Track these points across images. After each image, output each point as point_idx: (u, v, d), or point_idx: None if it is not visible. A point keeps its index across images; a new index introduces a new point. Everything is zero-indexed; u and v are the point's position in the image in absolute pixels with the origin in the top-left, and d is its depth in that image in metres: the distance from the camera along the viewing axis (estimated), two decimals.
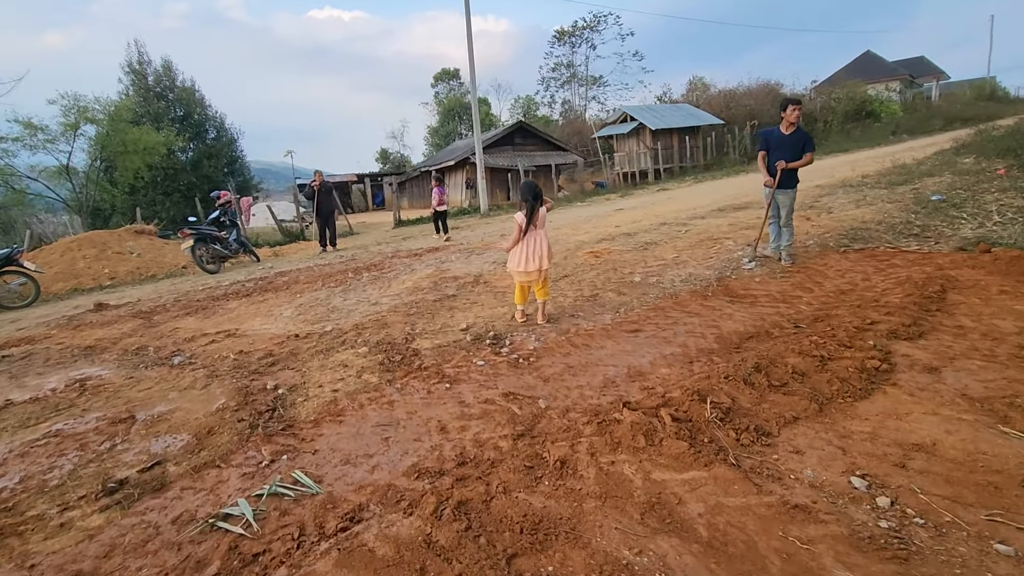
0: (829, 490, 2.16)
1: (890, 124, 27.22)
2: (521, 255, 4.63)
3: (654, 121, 22.82)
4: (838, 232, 7.08)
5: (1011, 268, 4.98)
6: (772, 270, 5.78)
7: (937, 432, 2.53)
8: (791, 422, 2.71)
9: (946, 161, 13.01)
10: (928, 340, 3.66)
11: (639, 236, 8.06)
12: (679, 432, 2.58)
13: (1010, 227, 6.63)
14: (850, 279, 5.38)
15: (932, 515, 1.98)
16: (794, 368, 3.24)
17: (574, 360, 3.90)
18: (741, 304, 4.91)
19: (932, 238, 6.60)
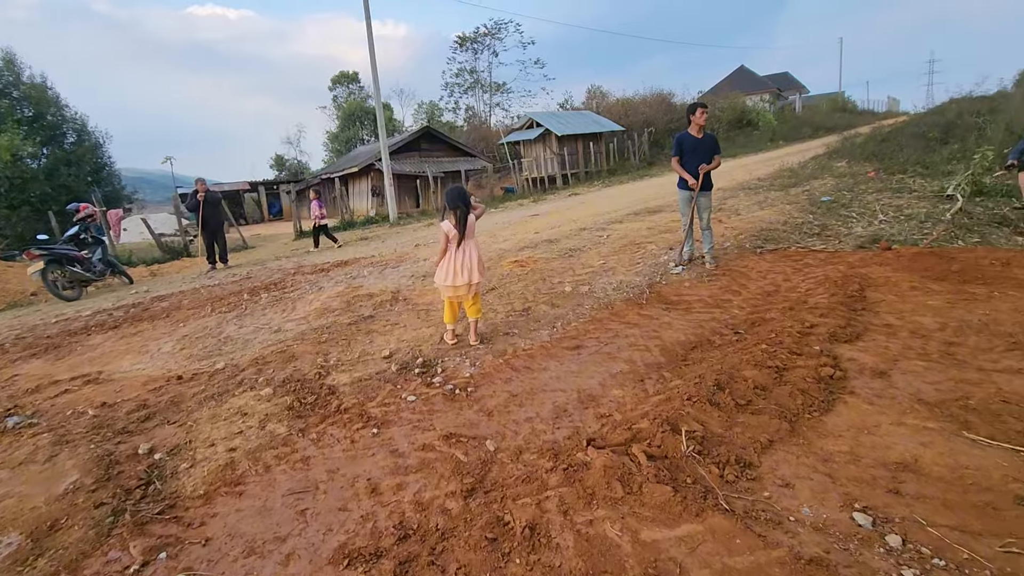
0: (835, 532, 1.91)
1: (767, 132, 29.80)
2: (449, 268, 4.15)
3: (560, 127, 23.16)
4: (750, 233, 7.29)
5: (914, 264, 5.28)
6: (699, 274, 5.74)
7: (913, 447, 2.40)
8: (768, 447, 2.48)
9: (824, 165, 14.25)
10: (865, 342, 3.66)
11: (562, 243, 7.84)
12: (659, 474, 2.24)
13: (896, 225, 7.18)
14: (772, 280, 5.45)
15: (948, 552, 1.79)
16: (754, 382, 3.05)
17: (517, 386, 3.49)
18: (677, 311, 4.77)
19: (833, 237, 6.97)
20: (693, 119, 5.91)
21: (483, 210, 4.54)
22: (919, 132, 16.74)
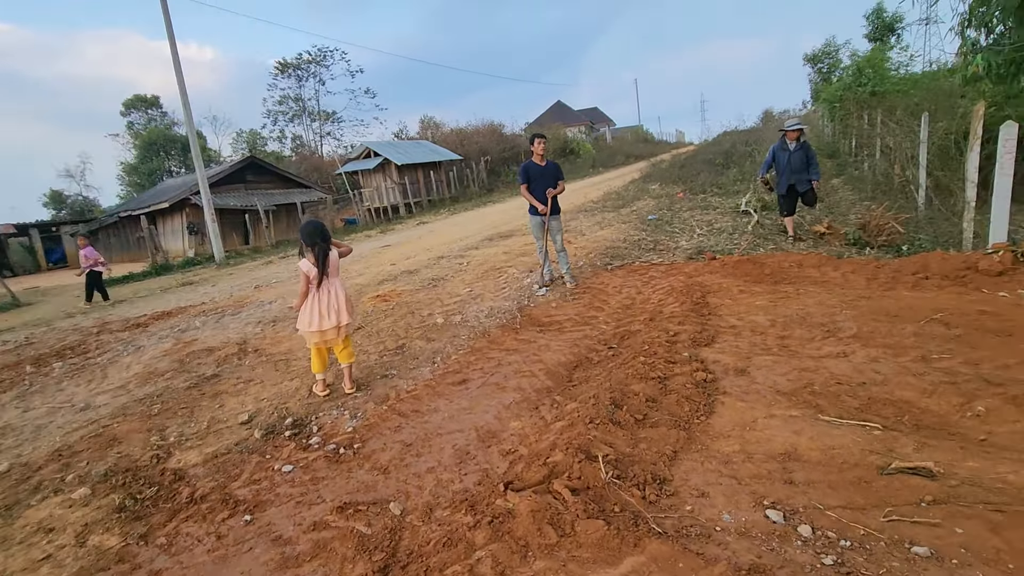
0: (757, 534, 2.00)
1: (588, 160, 32.91)
2: (314, 312, 3.70)
3: (399, 156, 22.91)
4: (598, 252, 7.83)
5: (736, 270, 6.09)
6: (562, 294, 5.96)
7: (788, 436, 2.66)
8: (674, 458, 2.56)
9: (642, 188, 16.09)
10: (720, 343, 4.06)
11: (422, 273, 7.61)
12: (587, 508, 2.16)
13: (711, 237, 8.28)
14: (627, 294, 5.87)
15: (848, 532, 1.97)
16: (644, 395, 3.18)
17: (409, 434, 3.19)
18: (551, 332, 4.86)
19: (666, 250, 7.79)
20: (534, 148, 6.17)
21: (349, 249, 4.16)
22: (708, 159, 19.89)
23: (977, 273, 4.84)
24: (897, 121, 11.08)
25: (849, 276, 5.43)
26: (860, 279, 5.31)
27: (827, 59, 25.87)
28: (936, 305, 4.28)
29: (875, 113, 12.55)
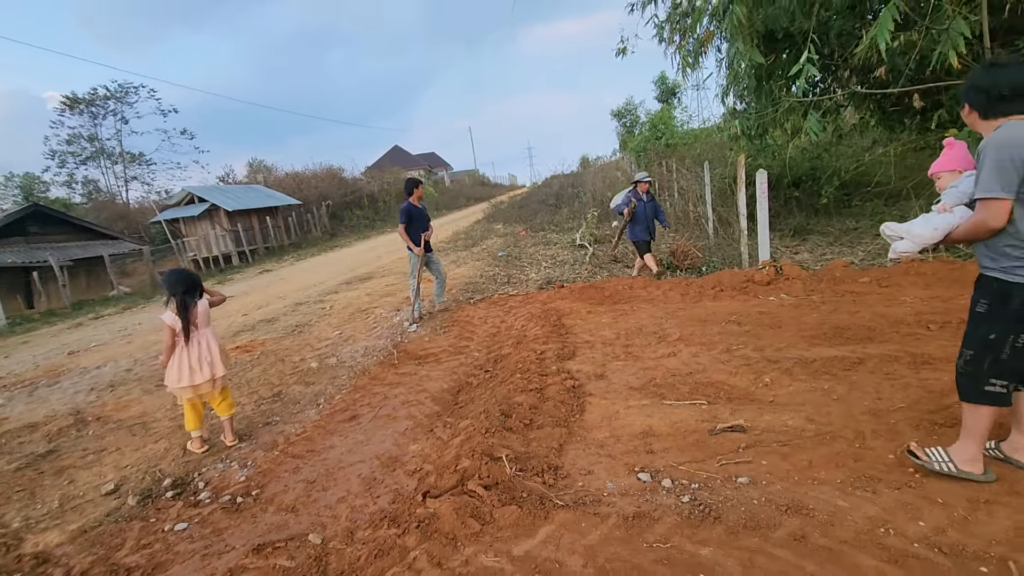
0: (634, 492, 2.52)
1: (432, 202, 33.77)
2: (183, 366, 3.53)
3: (229, 202, 21.20)
4: (459, 288, 8.30)
5: (582, 296, 6.99)
6: (433, 328, 6.27)
7: (643, 419, 3.30)
8: (561, 450, 3.03)
9: (487, 228, 17.15)
10: (579, 356, 4.73)
11: (282, 320, 7.31)
12: (501, 499, 2.50)
13: (556, 269, 9.29)
14: (493, 323, 6.39)
15: (696, 478, 2.59)
16: (528, 404, 3.63)
17: (310, 472, 3.22)
18: (429, 364, 5.14)
19: (519, 283, 8.55)
20: (417, 192, 6.77)
21: (222, 298, 4.03)
22: (541, 199, 21.89)
23: (754, 284, 6.27)
24: (687, 168, 13.56)
25: (668, 293, 6.60)
26: (676, 295, 6.49)
27: (629, 115, 30.34)
28: (730, 310, 5.48)
29: (671, 161, 15.19)
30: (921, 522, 2.06)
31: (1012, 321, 2.05)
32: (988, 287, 2.12)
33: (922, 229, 2.21)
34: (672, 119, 23.07)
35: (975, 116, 2.12)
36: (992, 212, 1.98)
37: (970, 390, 2.19)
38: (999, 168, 1.94)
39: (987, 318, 2.11)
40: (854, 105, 7.81)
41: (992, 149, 1.96)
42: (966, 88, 2.12)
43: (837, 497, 2.28)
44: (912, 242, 2.22)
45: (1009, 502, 2.11)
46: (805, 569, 1.90)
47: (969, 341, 2.18)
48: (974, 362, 2.15)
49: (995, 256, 2.08)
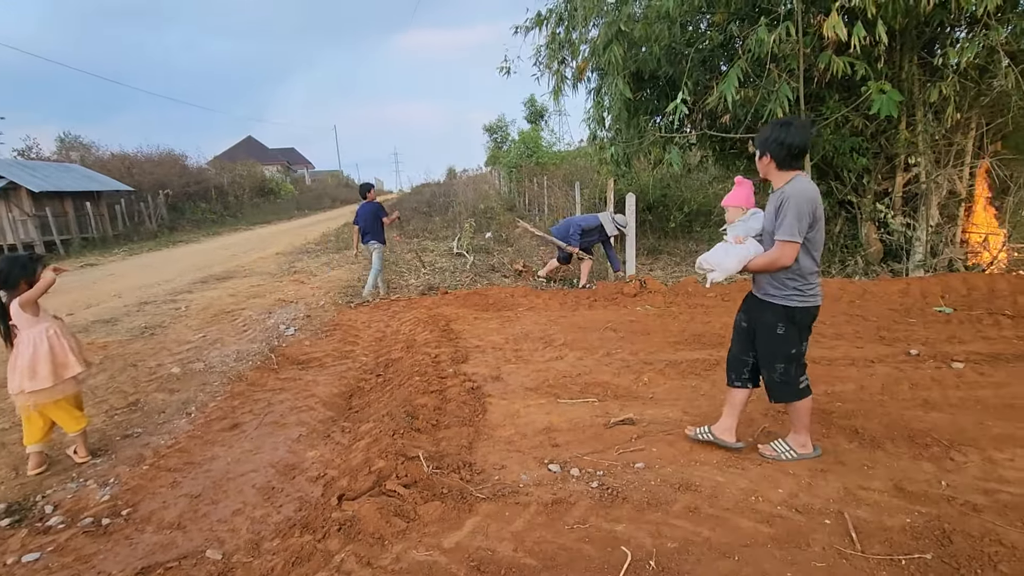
0: (547, 482, 2.70)
1: (292, 201, 31.55)
2: (14, 370, 2.98)
3: (35, 182, 17.59)
4: (336, 291, 7.94)
5: (467, 302, 7.12)
6: (313, 331, 5.94)
7: (544, 416, 3.52)
8: (471, 448, 3.11)
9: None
10: (473, 360, 4.85)
11: (124, 322, 6.33)
12: (423, 495, 2.51)
13: (437, 276, 9.32)
14: (377, 328, 6.24)
15: (599, 466, 2.85)
16: (432, 406, 3.65)
17: (192, 486, 2.90)
18: (313, 368, 4.88)
19: (399, 288, 8.43)
20: (369, 195, 7.69)
21: (50, 281, 3.34)
22: (413, 207, 21.67)
23: (624, 295, 6.94)
24: (558, 186, 14.47)
25: (548, 302, 7.01)
26: (555, 303, 6.92)
27: (500, 131, 31.42)
28: (606, 318, 6.02)
29: (541, 179, 16.08)
30: (780, 489, 2.52)
31: (799, 334, 2.59)
32: (780, 313, 2.56)
33: (729, 262, 2.57)
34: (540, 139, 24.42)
35: (772, 166, 2.50)
36: (788, 252, 2.41)
37: (789, 393, 2.67)
38: (800, 216, 2.36)
39: (786, 338, 2.58)
40: (701, 144, 9.06)
41: (797, 200, 2.36)
42: (766, 141, 2.46)
43: (716, 474, 2.68)
44: (721, 273, 2.61)
45: (838, 470, 2.66)
46: (701, 534, 2.22)
47: (779, 358, 2.62)
48: (787, 372, 2.62)
49: (779, 286, 2.54)
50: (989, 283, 5.95)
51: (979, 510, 2.27)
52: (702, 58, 7.51)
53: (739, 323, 2.82)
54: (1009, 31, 5.61)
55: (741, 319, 2.81)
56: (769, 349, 2.64)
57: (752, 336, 2.73)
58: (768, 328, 2.61)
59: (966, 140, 6.76)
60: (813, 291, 2.55)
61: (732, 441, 2.87)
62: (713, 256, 2.63)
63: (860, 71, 5.93)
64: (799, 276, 2.50)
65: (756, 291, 2.70)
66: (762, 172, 2.57)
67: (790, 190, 2.41)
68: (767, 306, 2.60)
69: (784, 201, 2.40)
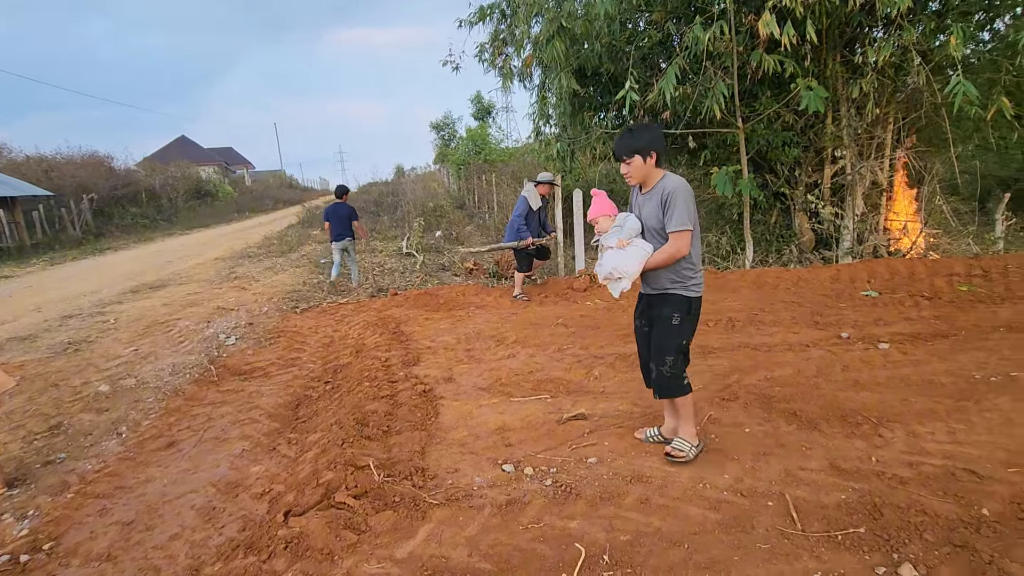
0: (501, 483, 2.69)
1: (231, 203, 30.16)
2: None
3: None
4: (280, 297, 7.65)
5: (418, 303, 7.02)
6: (257, 339, 5.70)
7: (497, 416, 3.51)
8: (424, 453, 3.06)
9: (303, 233, 15.98)
10: (424, 362, 4.77)
11: (45, 338, 5.86)
12: (374, 506, 2.44)
13: (386, 277, 9.13)
14: (324, 333, 6.06)
15: (553, 463, 2.86)
16: (382, 412, 3.57)
17: (123, 513, 2.72)
18: (256, 379, 4.68)
19: (348, 291, 8.22)
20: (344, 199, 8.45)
21: None
22: (360, 206, 21.16)
23: (574, 291, 7.02)
24: (507, 183, 14.47)
25: (499, 300, 7.00)
26: (507, 301, 6.92)
27: (447, 128, 31.14)
28: (556, 314, 6.06)
29: (490, 176, 16.04)
30: (726, 475, 2.60)
31: (692, 326, 2.67)
32: (679, 304, 2.61)
33: (631, 266, 2.55)
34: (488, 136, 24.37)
35: (653, 163, 2.56)
36: (684, 241, 2.49)
37: (677, 387, 2.68)
38: (687, 205, 2.48)
39: (681, 328, 2.62)
40: None
41: (682, 191, 2.49)
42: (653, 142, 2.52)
43: (665, 464, 2.74)
44: (628, 280, 2.58)
45: (779, 452, 2.78)
46: (652, 525, 2.26)
47: (669, 349, 2.63)
48: (675, 364, 2.64)
49: (677, 278, 2.60)
50: (909, 267, 6.38)
51: (905, 482, 2.42)
52: (642, 55, 7.66)
53: (639, 328, 2.85)
54: (920, 31, 6.01)
55: (641, 325, 2.84)
56: (662, 341, 2.67)
57: None
58: (665, 320, 2.65)
59: (885, 134, 7.21)
60: (702, 280, 2.66)
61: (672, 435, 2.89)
62: (614, 262, 2.59)
63: (789, 69, 6.21)
64: (693, 265, 2.60)
65: (650, 289, 2.72)
66: (640, 173, 2.59)
67: (671, 184, 2.52)
68: (667, 299, 2.64)
69: (669, 194, 2.50)
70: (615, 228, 2.68)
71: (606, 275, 2.61)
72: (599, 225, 2.76)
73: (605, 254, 2.66)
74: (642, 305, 2.83)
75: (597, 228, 2.76)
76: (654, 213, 2.57)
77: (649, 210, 2.60)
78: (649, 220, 2.61)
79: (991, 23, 6.76)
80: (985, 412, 3.03)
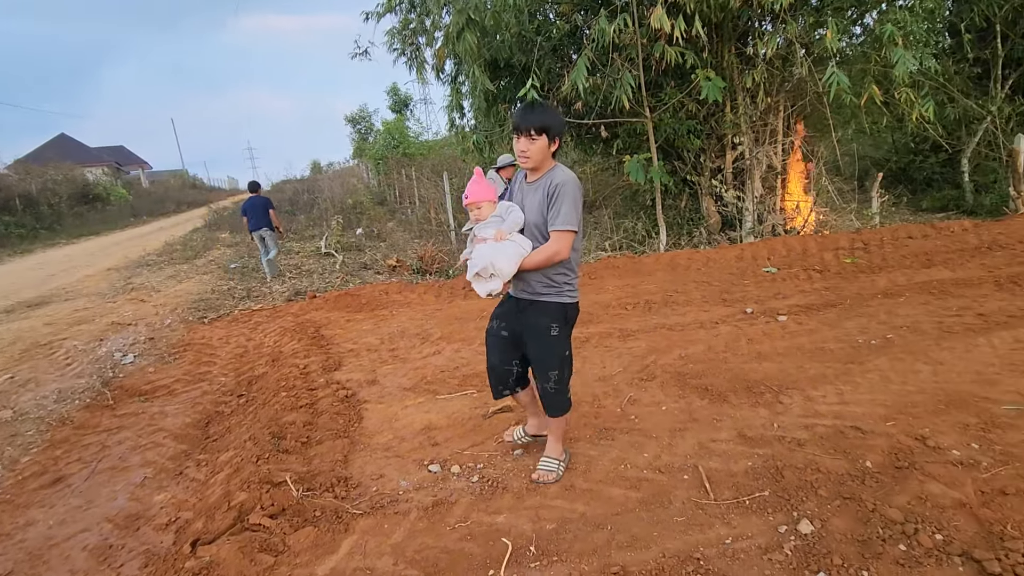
0: (428, 484, 2.64)
1: (126, 207, 27.62)
2: None
3: None
4: (185, 307, 7.10)
5: (338, 304, 6.76)
6: (159, 355, 5.26)
7: (423, 416, 3.45)
8: (347, 461, 2.95)
9: (210, 237, 14.92)
10: (346, 365, 4.61)
11: None
12: (292, 523, 2.32)
13: (304, 279, 8.74)
14: (237, 343, 5.71)
15: (479, 459, 2.85)
16: (301, 422, 3.41)
17: (1, 565, 2.41)
18: (160, 398, 4.33)
19: (262, 296, 7.78)
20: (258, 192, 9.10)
21: None
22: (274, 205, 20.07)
23: None
24: (427, 177, 14.24)
25: (423, 296, 6.90)
26: (431, 297, 6.83)
27: (363, 122, 30.13)
28: (481, 307, 6.05)
29: (410, 170, 15.72)
30: (645, 453, 2.71)
31: (569, 335, 2.43)
32: (554, 313, 2.33)
33: (507, 265, 2.20)
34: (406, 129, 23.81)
35: (554, 149, 2.25)
36: (567, 243, 2.19)
37: (562, 403, 2.47)
38: (576, 204, 2.19)
39: (560, 338, 2.37)
40: None
41: (572, 187, 2.18)
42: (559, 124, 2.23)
43: (589, 449, 2.81)
44: (500, 280, 2.25)
45: (692, 427, 2.93)
46: (577, 510, 2.31)
47: (552, 363, 2.39)
48: (560, 377, 2.41)
49: (551, 283, 2.30)
50: (802, 244, 6.94)
51: (802, 444, 2.63)
52: (553, 47, 7.76)
53: (496, 332, 2.54)
54: (801, 26, 6.50)
55: (499, 328, 2.53)
56: (543, 356, 2.41)
57: (516, 344, 2.50)
58: (541, 331, 2.37)
59: (777, 121, 7.76)
60: (577, 285, 2.40)
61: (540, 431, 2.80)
62: (489, 258, 2.21)
63: (689, 60, 6.51)
64: (570, 270, 2.32)
65: (519, 292, 2.40)
66: (539, 156, 2.23)
67: (561, 177, 2.21)
68: (539, 307, 2.35)
69: (558, 187, 2.19)
70: (495, 218, 2.34)
71: (478, 271, 2.22)
72: (480, 211, 2.38)
73: (480, 247, 2.28)
74: (506, 307, 2.53)
75: (476, 214, 2.39)
76: (538, 206, 2.25)
77: (533, 202, 2.28)
78: (531, 213, 2.28)
79: (861, 18, 7.43)
80: (867, 373, 3.35)
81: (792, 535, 2.02)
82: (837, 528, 2.02)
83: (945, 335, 3.83)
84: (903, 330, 4.01)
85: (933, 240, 6.61)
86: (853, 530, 2.00)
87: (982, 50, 8.50)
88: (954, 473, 2.24)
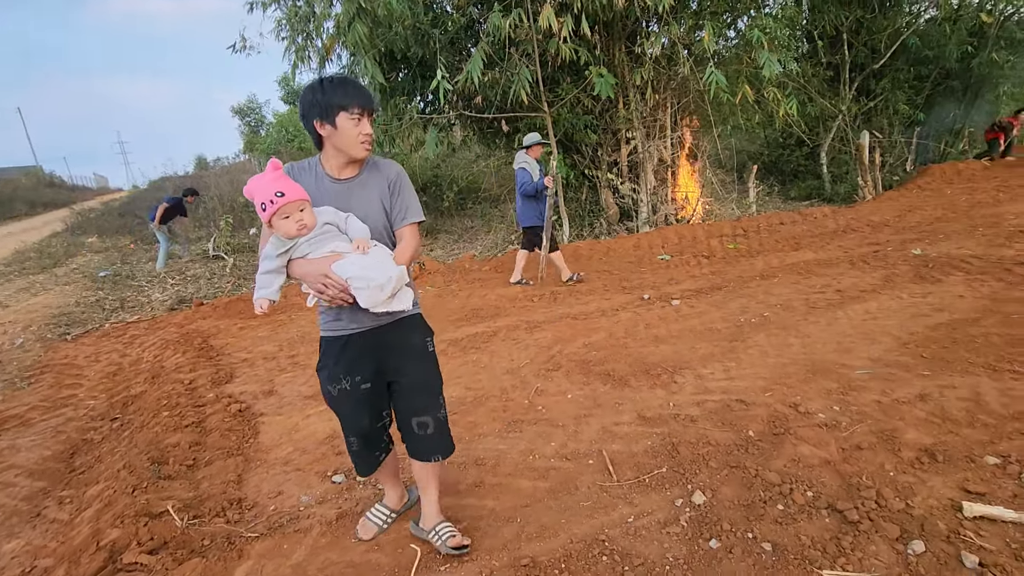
0: (332, 496, 2.51)
1: None
2: None
3: None
4: (44, 322, 6.24)
5: (229, 311, 6.27)
6: (10, 381, 4.58)
7: (326, 424, 3.27)
8: (241, 481, 2.73)
9: (74, 242, 13.21)
10: (240, 377, 4.29)
11: None
12: (176, 557, 2.10)
13: (190, 284, 8.02)
14: (109, 360, 5.13)
15: None
16: (187, 443, 3.11)
17: None
18: (10, 431, 3.78)
19: (139, 307, 7.04)
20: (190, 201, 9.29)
21: None
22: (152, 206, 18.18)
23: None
24: None
25: None
26: None
27: (253, 114, 28.16)
28: None
29: None
30: (552, 443, 2.76)
31: None
32: (421, 325, 2.00)
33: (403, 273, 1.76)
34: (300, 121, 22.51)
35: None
36: (419, 237, 1.94)
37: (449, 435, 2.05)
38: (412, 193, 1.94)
39: (435, 353, 2.03)
40: (461, 124, 9.36)
41: (406, 176, 1.93)
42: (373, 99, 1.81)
43: (498, 443, 2.82)
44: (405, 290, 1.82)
45: (597, 413, 3.03)
46: (487, 506, 2.30)
47: (439, 383, 2.01)
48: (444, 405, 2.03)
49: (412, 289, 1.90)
50: (692, 232, 7.45)
51: (695, 420, 2.81)
52: (450, 39, 7.66)
53: (355, 390, 1.91)
54: (683, 28, 6.93)
55: (357, 384, 1.90)
56: (430, 380, 1.99)
57: (382, 391, 1.97)
58: (420, 350, 1.97)
59: (665, 116, 8.25)
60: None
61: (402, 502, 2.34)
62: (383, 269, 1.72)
63: (583, 57, 6.71)
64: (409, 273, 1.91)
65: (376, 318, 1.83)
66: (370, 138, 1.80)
67: (393, 166, 1.91)
68: (407, 323, 1.94)
69: (398, 177, 1.88)
70: (327, 227, 1.75)
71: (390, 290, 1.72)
72: (303, 216, 1.69)
73: (348, 258, 1.70)
74: (349, 354, 1.88)
75: (299, 223, 1.68)
76: (377, 201, 1.85)
77: (365, 199, 1.83)
78: (373, 211, 1.84)
79: (735, 23, 8.07)
80: (749, 349, 3.66)
81: (687, 507, 2.15)
82: (726, 496, 2.18)
83: (811, 310, 4.27)
84: (777, 308, 4.42)
85: (800, 225, 7.37)
86: (739, 496, 2.17)
87: (833, 55, 9.59)
88: (820, 435, 2.50)
